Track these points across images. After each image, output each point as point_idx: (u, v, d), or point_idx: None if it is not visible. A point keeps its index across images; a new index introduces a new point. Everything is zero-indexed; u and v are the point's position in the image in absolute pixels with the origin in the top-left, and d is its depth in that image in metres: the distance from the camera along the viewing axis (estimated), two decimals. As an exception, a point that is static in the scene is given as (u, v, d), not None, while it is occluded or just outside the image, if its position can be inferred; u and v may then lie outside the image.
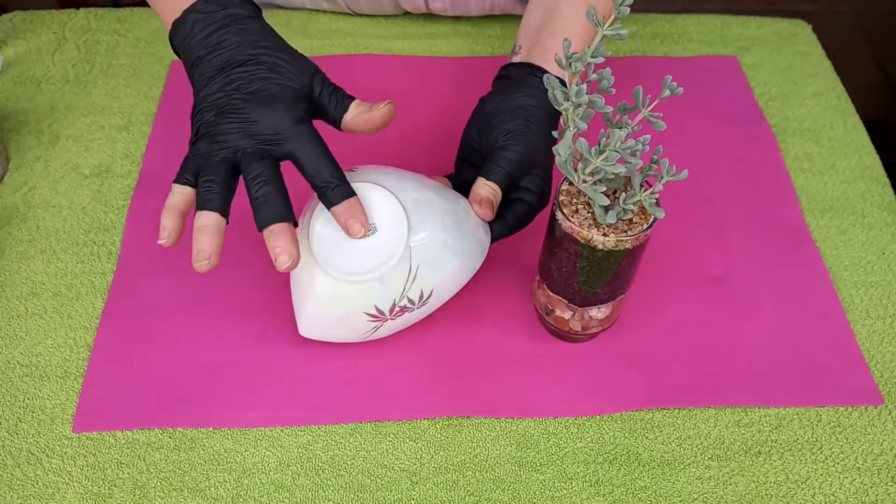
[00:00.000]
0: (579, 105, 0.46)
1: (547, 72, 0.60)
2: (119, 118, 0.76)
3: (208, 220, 0.48)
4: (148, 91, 0.78)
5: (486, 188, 0.56)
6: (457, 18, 0.87)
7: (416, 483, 0.54)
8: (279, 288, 0.64)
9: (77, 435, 0.56)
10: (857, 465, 0.56)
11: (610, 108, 0.47)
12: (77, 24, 0.84)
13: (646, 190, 0.48)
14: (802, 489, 0.55)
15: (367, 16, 0.87)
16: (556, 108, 0.47)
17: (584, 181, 0.47)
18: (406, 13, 0.87)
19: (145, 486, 0.54)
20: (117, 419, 0.56)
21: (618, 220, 0.49)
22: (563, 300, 0.56)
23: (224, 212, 0.49)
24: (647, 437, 0.57)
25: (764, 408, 0.59)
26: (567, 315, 0.57)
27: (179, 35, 0.52)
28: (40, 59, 0.81)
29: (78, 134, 0.74)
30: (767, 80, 0.83)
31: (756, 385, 0.60)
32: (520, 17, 0.87)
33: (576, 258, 0.51)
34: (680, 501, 0.54)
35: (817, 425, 0.58)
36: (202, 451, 0.55)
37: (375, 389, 0.58)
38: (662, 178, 0.47)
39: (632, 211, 0.50)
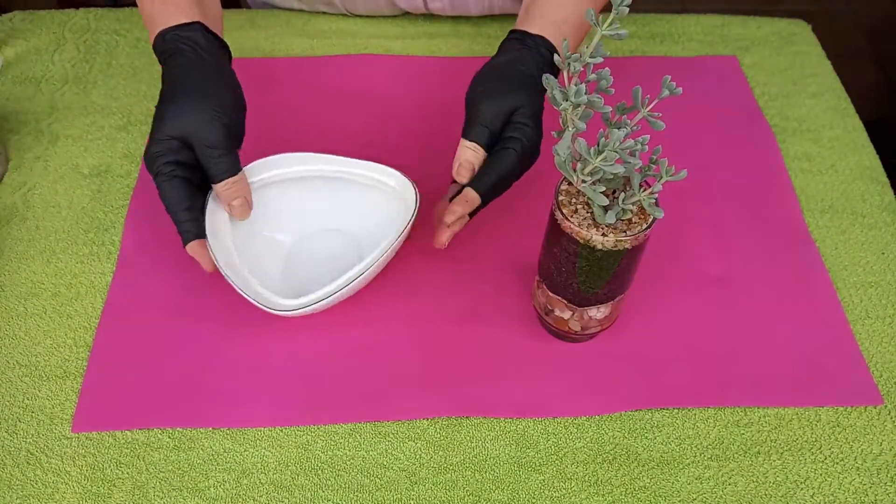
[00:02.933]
0: (578, 105, 0.46)
1: (526, 32, 0.62)
2: (119, 118, 0.76)
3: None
4: (148, 91, 0.78)
5: (467, 151, 0.58)
6: (456, 18, 0.87)
7: (416, 483, 0.54)
8: (279, 288, 0.64)
9: (76, 435, 0.56)
10: (856, 465, 0.56)
11: (609, 109, 0.47)
12: (77, 24, 0.84)
13: (645, 190, 0.48)
14: (802, 489, 0.55)
15: (366, 17, 0.87)
16: (554, 106, 0.48)
17: (584, 181, 0.47)
18: (405, 13, 0.87)
19: (145, 485, 0.54)
20: (117, 419, 0.56)
21: (617, 220, 0.49)
22: (563, 300, 0.56)
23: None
24: (646, 437, 0.57)
25: (763, 408, 0.59)
26: (566, 315, 0.57)
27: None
28: (40, 59, 0.81)
29: (78, 134, 0.74)
30: (767, 80, 0.83)
31: (755, 385, 0.60)
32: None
33: (575, 258, 0.51)
34: (679, 501, 0.54)
35: (817, 425, 0.58)
36: (201, 451, 0.55)
37: (375, 389, 0.58)
38: (661, 177, 0.47)
39: (631, 211, 0.50)
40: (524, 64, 0.60)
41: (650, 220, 0.50)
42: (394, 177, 0.62)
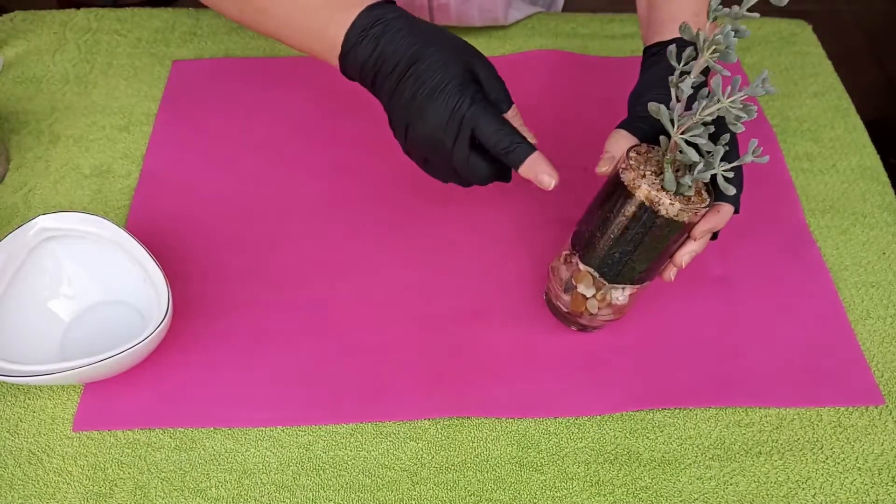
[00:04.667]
0: (714, 45, 0.46)
1: (660, 43, 0.59)
2: (119, 118, 0.76)
3: None
4: (148, 91, 0.78)
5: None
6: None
7: (417, 483, 0.54)
8: (279, 287, 0.64)
9: (78, 434, 0.56)
10: (857, 465, 0.56)
11: (727, 72, 0.47)
12: (77, 24, 0.84)
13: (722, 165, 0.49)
14: (803, 489, 0.55)
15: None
16: (671, 61, 0.48)
17: (688, 130, 0.47)
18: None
19: (146, 485, 0.54)
20: (118, 419, 0.56)
21: (680, 193, 0.50)
22: (595, 273, 0.55)
23: None
24: (647, 437, 0.57)
25: (765, 408, 0.59)
26: (589, 292, 0.56)
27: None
28: (41, 59, 0.81)
29: (78, 134, 0.74)
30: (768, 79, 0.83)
31: (757, 385, 0.60)
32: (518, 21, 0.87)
33: (632, 224, 0.51)
34: (681, 501, 0.54)
35: (818, 425, 0.58)
36: (203, 451, 0.55)
37: (376, 389, 0.58)
38: (747, 156, 0.47)
39: (691, 188, 0.50)
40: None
41: (707, 201, 0.50)
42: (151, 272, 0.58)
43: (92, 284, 0.61)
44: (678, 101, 0.48)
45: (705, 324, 0.63)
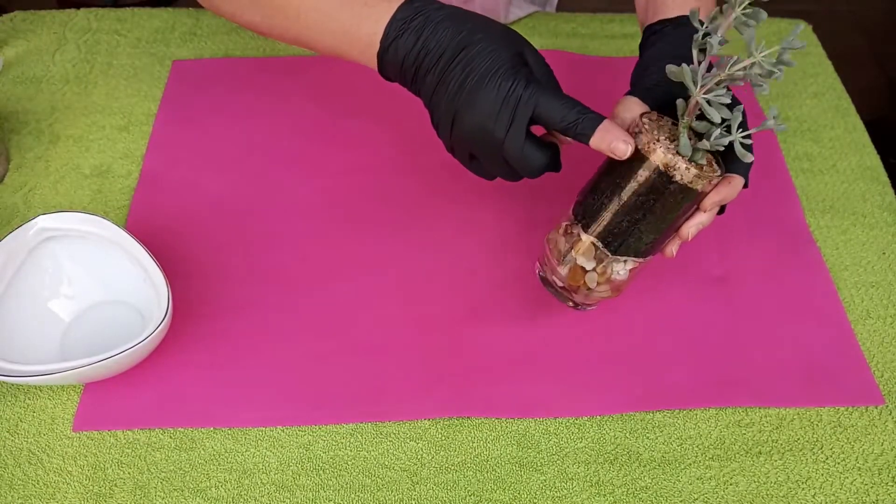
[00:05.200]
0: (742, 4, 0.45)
1: (665, 20, 0.57)
2: (119, 118, 0.76)
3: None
4: (148, 91, 0.78)
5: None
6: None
7: (417, 483, 0.54)
8: (279, 287, 0.64)
9: (78, 434, 0.56)
10: (857, 465, 0.56)
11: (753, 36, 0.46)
12: (77, 24, 0.84)
13: (741, 132, 0.48)
14: (803, 489, 0.55)
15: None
16: (694, 22, 0.48)
17: (711, 89, 0.47)
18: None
19: (146, 485, 0.54)
20: (118, 419, 0.56)
21: (693, 161, 0.49)
22: (599, 244, 0.52)
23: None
24: (647, 438, 0.57)
25: (764, 408, 0.59)
26: (590, 265, 0.53)
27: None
28: (41, 59, 0.81)
29: (78, 134, 0.74)
30: (768, 80, 0.83)
31: (756, 385, 0.60)
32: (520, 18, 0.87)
33: (644, 190, 0.49)
34: (681, 502, 0.54)
35: (818, 425, 0.58)
36: (203, 451, 0.55)
37: (375, 389, 0.58)
38: (767, 123, 0.46)
39: (703, 156, 0.49)
40: (681, 47, 0.54)
41: (718, 172, 0.50)
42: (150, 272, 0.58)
43: (92, 284, 0.61)
44: (699, 62, 0.47)
45: (705, 324, 0.63)
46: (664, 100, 0.52)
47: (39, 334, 0.58)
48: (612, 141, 0.49)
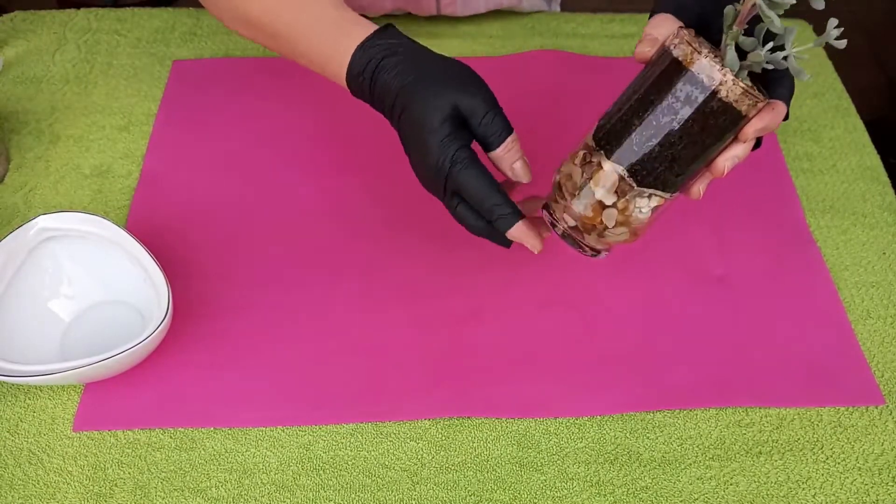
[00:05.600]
0: None
1: None
2: (119, 118, 0.76)
3: None
4: (148, 91, 0.78)
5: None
6: (457, 18, 0.87)
7: (417, 483, 0.54)
8: (279, 287, 0.64)
9: (78, 434, 0.56)
10: (857, 465, 0.56)
11: None
12: (77, 24, 0.84)
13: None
14: (803, 489, 0.55)
15: (369, 17, 0.87)
16: None
17: None
18: (408, 14, 0.87)
19: (146, 485, 0.54)
20: (118, 419, 0.56)
21: (739, 76, 0.44)
22: (624, 173, 0.47)
23: None
24: (647, 438, 0.57)
25: (765, 408, 0.59)
26: (609, 200, 0.48)
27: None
28: (41, 59, 0.80)
29: (78, 134, 0.74)
30: (768, 80, 0.83)
31: (757, 385, 0.60)
32: (520, 14, 0.87)
33: (682, 107, 0.44)
34: (681, 502, 0.54)
35: (818, 425, 0.58)
36: (203, 451, 0.55)
37: (375, 389, 0.58)
38: (826, 37, 0.43)
39: (746, 77, 0.45)
40: None
41: (764, 95, 0.45)
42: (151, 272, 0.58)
43: (92, 284, 0.61)
44: None
45: (705, 324, 0.63)
46: (697, 22, 0.48)
47: (39, 334, 0.58)
48: (523, 241, 0.52)
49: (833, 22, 0.43)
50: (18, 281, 0.58)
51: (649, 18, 0.49)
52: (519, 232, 0.51)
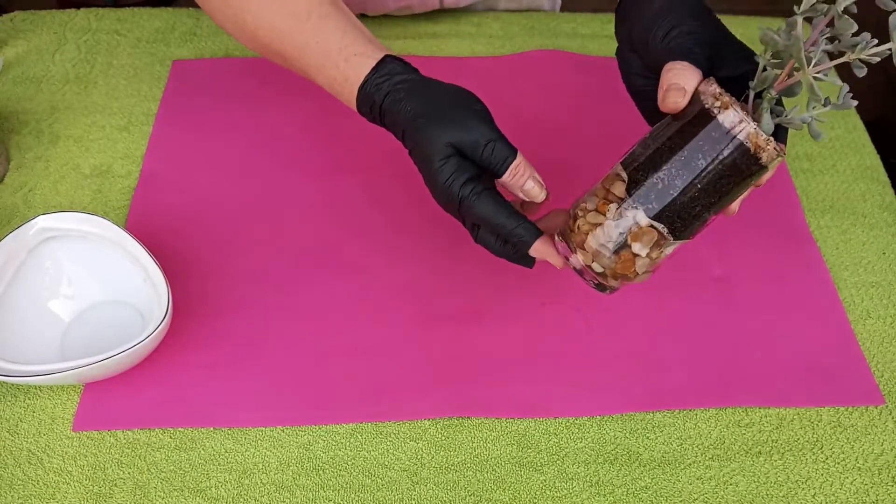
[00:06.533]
0: None
1: None
2: (119, 118, 0.76)
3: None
4: (148, 91, 0.78)
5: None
6: (457, 18, 0.87)
7: (417, 483, 0.54)
8: (279, 287, 0.64)
9: (77, 434, 0.56)
10: (857, 465, 0.56)
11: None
12: (77, 24, 0.84)
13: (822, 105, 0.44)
14: (803, 489, 0.55)
15: (369, 17, 0.87)
16: None
17: (821, 70, 0.43)
18: (408, 13, 0.87)
19: (146, 485, 0.54)
20: (118, 419, 0.56)
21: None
22: (664, 230, 0.47)
23: None
24: (647, 438, 0.57)
25: (764, 408, 0.59)
26: (644, 251, 0.48)
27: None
28: (41, 59, 0.80)
29: (78, 134, 0.74)
30: (768, 80, 0.83)
31: (756, 385, 0.60)
32: (520, 14, 0.87)
33: (727, 170, 0.45)
34: (681, 502, 0.54)
35: (818, 425, 0.58)
36: (203, 451, 0.55)
37: (375, 389, 0.58)
38: (844, 100, 0.43)
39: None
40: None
41: (783, 150, 0.46)
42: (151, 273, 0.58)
43: (92, 284, 0.61)
44: (814, 26, 0.43)
45: (705, 324, 0.63)
46: (705, 65, 0.48)
47: (39, 334, 0.58)
48: (546, 257, 0.51)
49: (845, 87, 0.44)
50: (18, 281, 0.58)
51: (668, 64, 0.48)
52: (539, 251, 0.51)
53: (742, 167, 0.45)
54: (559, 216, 0.53)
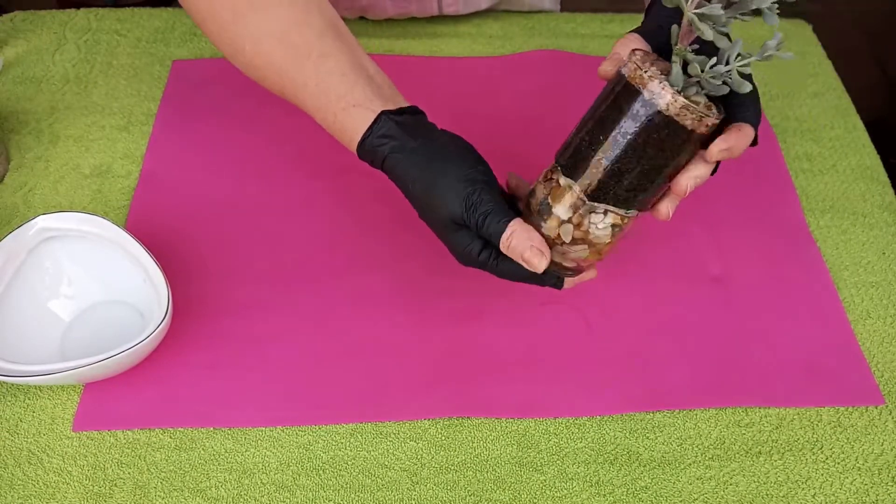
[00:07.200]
0: None
1: None
2: (119, 118, 0.76)
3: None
4: (148, 91, 0.78)
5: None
6: (456, 19, 0.87)
7: (417, 483, 0.54)
8: (279, 287, 0.64)
9: (77, 434, 0.56)
10: (857, 465, 0.56)
11: None
12: (77, 24, 0.84)
13: (739, 60, 0.44)
14: (803, 489, 0.55)
15: (369, 18, 0.87)
16: None
17: (702, 4, 0.43)
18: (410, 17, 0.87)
19: (146, 485, 0.54)
20: (118, 418, 0.56)
21: (687, 96, 0.45)
22: (576, 188, 0.48)
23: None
24: (647, 438, 0.57)
25: (764, 408, 0.59)
26: (566, 215, 0.49)
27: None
28: (40, 59, 0.80)
29: (78, 134, 0.74)
30: (767, 80, 0.83)
31: (756, 385, 0.60)
32: (520, 14, 0.87)
33: (627, 123, 0.45)
34: (681, 502, 0.54)
35: (818, 425, 0.58)
36: (203, 451, 0.55)
37: (375, 389, 0.58)
38: (768, 51, 0.43)
39: (699, 94, 0.45)
40: None
41: (714, 112, 0.45)
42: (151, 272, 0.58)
43: (92, 284, 0.61)
44: None
45: (705, 324, 0.63)
46: (669, 43, 0.48)
47: (39, 334, 0.58)
48: (577, 280, 0.52)
49: (777, 35, 0.43)
50: (18, 281, 0.58)
51: (622, 36, 0.50)
52: (570, 281, 0.52)
53: (643, 118, 0.44)
54: None
